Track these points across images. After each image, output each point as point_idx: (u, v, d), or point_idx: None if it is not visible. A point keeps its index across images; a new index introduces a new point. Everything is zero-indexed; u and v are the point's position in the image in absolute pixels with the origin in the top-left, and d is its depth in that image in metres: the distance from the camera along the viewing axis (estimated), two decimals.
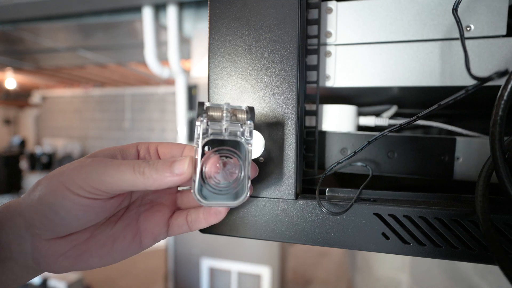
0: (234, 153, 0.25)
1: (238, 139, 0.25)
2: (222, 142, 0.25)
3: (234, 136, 0.25)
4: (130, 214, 0.29)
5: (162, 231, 0.29)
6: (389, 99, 0.44)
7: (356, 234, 0.29)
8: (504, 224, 0.26)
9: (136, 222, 0.29)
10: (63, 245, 0.25)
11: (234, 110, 0.26)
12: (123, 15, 1.47)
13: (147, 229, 0.29)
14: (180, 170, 0.24)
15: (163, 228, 0.29)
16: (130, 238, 0.28)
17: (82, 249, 0.25)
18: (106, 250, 0.26)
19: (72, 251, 0.25)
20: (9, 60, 2.59)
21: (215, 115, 0.25)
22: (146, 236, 0.29)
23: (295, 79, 0.30)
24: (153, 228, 0.29)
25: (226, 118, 0.25)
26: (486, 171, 0.26)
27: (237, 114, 0.26)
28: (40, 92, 5.11)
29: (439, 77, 0.33)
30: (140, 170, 0.23)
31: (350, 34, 0.35)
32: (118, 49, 2.13)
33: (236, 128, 0.26)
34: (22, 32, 1.76)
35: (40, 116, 5.27)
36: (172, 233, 0.30)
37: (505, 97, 0.22)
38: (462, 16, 0.31)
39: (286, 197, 0.30)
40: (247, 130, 0.26)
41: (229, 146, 0.25)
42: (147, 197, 0.30)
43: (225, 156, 0.25)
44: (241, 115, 0.26)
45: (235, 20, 0.31)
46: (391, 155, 0.35)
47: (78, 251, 0.25)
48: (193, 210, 0.29)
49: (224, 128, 0.25)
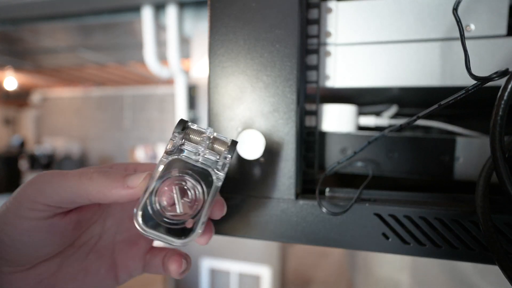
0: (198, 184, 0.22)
1: (209, 170, 0.22)
2: (189, 166, 0.22)
3: (206, 165, 0.22)
4: (104, 244, 0.26)
5: (137, 266, 0.27)
6: (389, 99, 0.44)
7: (356, 234, 0.29)
8: (504, 224, 0.26)
9: (111, 254, 0.26)
10: (27, 280, 0.22)
11: (216, 139, 0.23)
12: (123, 15, 1.46)
13: (122, 263, 0.26)
14: (133, 183, 0.21)
15: (138, 263, 0.27)
16: (104, 272, 0.25)
17: (50, 284, 0.23)
18: (78, 285, 0.24)
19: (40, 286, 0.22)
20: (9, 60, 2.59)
21: (193, 137, 0.23)
22: (121, 271, 0.26)
23: (295, 79, 0.30)
24: (128, 262, 0.26)
25: (203, 143, 0.23)
26: (486, 171, 0.26)
27: (217, 144, 0.23)
28: (40, 92, 5.11)
29: (439, 77, 0.33)
30: (88, 175, 0.21)
31: (350, 34, 0.35)
32: (118, 49, 2.13)
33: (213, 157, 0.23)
34: (22, 32, 1.76)
35: (40, 116, 5.27)
36: (147, 271, 0.27)
37: (505, 97, 0.22)
38: (462, 16, 0.31)
39: (286, 197, 0.30)
40: (222, 163, 0.23)
41: (196, 174, 0.22)
42: (123, 226, 0.27)
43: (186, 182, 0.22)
44: (220, 147, 0.23)
45: (235, 20, 0.31)
46: (391, 155, 0.35)
47: (46, 285, 0.23)
48: (170, 252, 0.26)
49: (199, 152, 0.22)
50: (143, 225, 0.20)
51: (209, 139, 0.23)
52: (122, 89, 4.75)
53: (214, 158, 0.23)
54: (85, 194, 0.20)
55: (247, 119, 0.31)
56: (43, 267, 0.23)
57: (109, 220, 0.27)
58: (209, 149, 0.23)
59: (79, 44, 2.04)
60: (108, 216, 0.27)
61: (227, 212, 0.31)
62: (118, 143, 4.76)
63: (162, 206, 0.21)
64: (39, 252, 0.22)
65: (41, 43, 1.99)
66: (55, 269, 0.23)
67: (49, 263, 0.23)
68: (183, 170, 0.22)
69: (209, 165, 0.23)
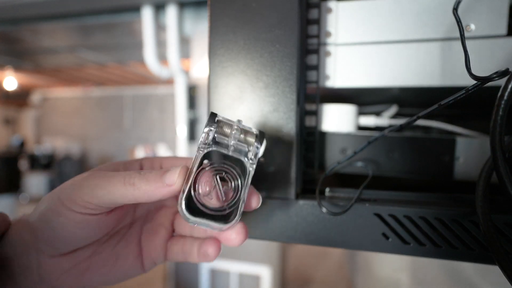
0: (235, 172, 0.24)
1: (241, 158, 0.24)
2: (224, 157, 0.24)
3: (238, 154, 0.24)
4: (132, 233, 0.28)
5: (160, 254, 0.28)
6: (389, 99, 0.44)
7: (356, 234, 0.29)
8: (504, 224, 0.26)
9: (137, 242, 0.28)
10: (66, 263, 0.25)
11: (244, 130, 0.25)
12: (123, 15, 1.46)
13: (147, 250, 0.28)
14: (170, 180, 0.22)
15: (160, 251, 0.28)
16: (132, 258, 0.27)
17: (84, 267, 0.25)
18: (108, 269, 0.26)
19: (75, 269, 0.25)
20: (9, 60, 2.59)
21: (225, 130, 0.24)
22: (146, 258, 0.28)
23: (295, 79, 0.30)
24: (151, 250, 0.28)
25: (235, 135, 0.24)
26: (486, 171, 0.26)
27: (246, 135, 0.25)
28: (40, 92, 5.11)
29: (439, 77, 0.33)
30: (131, 181, 0.22)
31: (350, 34, 0.35)
32: (118, 49, 2.13)
33: (242, 148, 0.24)
34: (22, 32, 1.76)
35: (40, 116, 5.27)
36: (169, 259, 0.29)
37: (506, 97, 0.22)
38: (462, 16, 0.31)
39: (286, 197, 0.30)
40: (253, 152, 0.24)
41: (231, 164, 0.24)
42: (149, 215, 0.30)
43: (224, 171, 0.23)
44: (250, 138, 0.25)
45: (235, 20, 0.31)
46: (391, 155, 0.35)
47: (81, 269, 0.25)
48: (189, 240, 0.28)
49: (230, 143, 0.24)
50: (189, 216, 0.22)
51: (238, 130, 0.24)
52: (122, 89, 4.75)
53: (245, 148, 0.24)
54: (132, 198, 0.22)
55: (247, 119, 0.31)
56: (80, 252, 0.25)
57: (138, 211, 0.29)
58: (239, 140, 0.24)
59: (79, 44, 2.04)
60: (138, 207, 0.29)
61: None
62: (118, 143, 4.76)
63: (203, 195, 0.22)
64: (82, 241, 0.25)
65: (41, 43, 1.99)
66: (89, 254, 0.26)
67: (85, 249, 0.26)
68: (218, 160, 0.23)
69: (241, 155, 0.24)
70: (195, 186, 0.22)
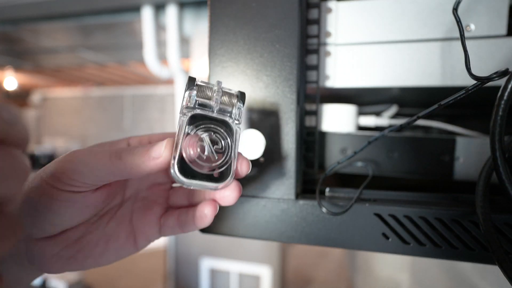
0: (222, 132, 0.24)
1: (226, 119, 0.24)
2: (209, 118, 0.24)
3: (222, 115, 0.24)
4: (123, 212, 0.28)
5: (154, 231, 0.28)
6: (389, 99, 0.44)
7: (356, 234, 0.29)
8: (504, 224, 0.26)
9: (129, 221, 0.28)
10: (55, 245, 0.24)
11: (225, 92, 0.24)
12: (123, 15, 1.46)
13: (140, 228, 0.28)
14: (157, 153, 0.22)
15: (154, 227, 0.28)
16: (123, 238, 0.27)
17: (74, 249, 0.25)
18: (100, 250, 0.26)
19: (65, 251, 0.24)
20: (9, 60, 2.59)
21: (206, 92, 0.24)
22: (139, 236, 0.28)
23: (295, 79, 0.30)
24: (145, 227, 0.28)
25: (216, 96, 0.24)
26: (486, 171, 0.26)
27: (227, 97, 0.25)
28: (40, 92, 5.11)
29: (439, 77, 0.33)
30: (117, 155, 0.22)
31: (350, 34, 0.35)
32: (118, 49, 2.13)
33: (226, 108, 0.24)
34: (22, 32, 1.76)
35: (40, 116, 5.27)
36: (164, 233, 0.29)
37: (505, 97, 0.22)
38: (462, 16, 0.31)
39: (286, 197, 0.30)
40: (237, 111, 0.25)
41: (218, 124, 0.24)
42: (140, 194, 0.29)
43: (212, 132, 0.23)
44: (231, 99, 0.25)
45: (235, 20, 0.31)
46: (391, 155, 0.35)
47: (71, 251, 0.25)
48: (184, 210, 0.28)
49: (213, 104, 0.24)
50: (183, 179, 0.22)
51: (219, 92, 0.24)
52: (122, 89, 4.75)
53: (228, 109, 0.25)
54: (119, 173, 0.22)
55: (247, 119, 0.31)
56: (70, 233, 0.25)
57: (128, 190, 0.29)
58: (222, 102, 0.24)
59: (79, 44, 2.04)
60: (128, 187, 0.29)
61: (227, 212, 0.31)
62: None
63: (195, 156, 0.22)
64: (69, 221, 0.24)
65: (41, 43, 1.99)
66: (79, 235, 0.25)
67: (75, 230, 0.25)
68: (204, 122, 0.23)
69: (226, 116, 0.24)
70: (186, 150, 0.22)
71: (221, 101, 0.24)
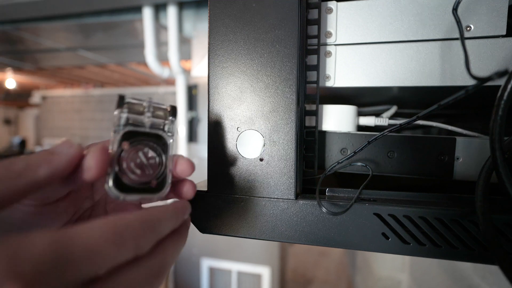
0: (155, 145, 0.25)
1: (159, 133, 0.25)
2: (142, 134, 0.24)
3: (156, 129, 0.25)
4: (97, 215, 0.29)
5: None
6: (389, 99, 0.44)
7: (356, 234, 0.29)
8: (504, 224, 0.26)
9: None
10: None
11: (157, 107, 0.25)
12: (123, 15, 1.47)
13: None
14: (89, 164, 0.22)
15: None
16: None
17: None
18: None
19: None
20: (9, 60, 2.59)
21: (137, 108, 0.24)
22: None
23: (295, 79, 0.30)
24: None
25: (148, 111, 0.25)
26: (486, 171, 0.26)
27: (159, 111, 0.25)
28: (40, 92, 5.11)
29: (439, 77, 0.33)
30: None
31: (350, 34, 0.35)
32: (118, 49, 2.13)
33: (159, 122, 0.25)
34: (22, 32, 1.76)
35: (40, 116, 5.27)
36: None
37: (505, 97, 0.22)
38: (462, 16, 0.31)
39: (286, 197, 0.30)
40: (169, 125, 0.26)
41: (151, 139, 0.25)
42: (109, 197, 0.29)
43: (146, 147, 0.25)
44: (163, 113, 0.26)
45: (235, 20, 0.31)
46: (391, 155, 0.35)
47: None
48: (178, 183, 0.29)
49: (145, 120, 0.25)
50: (117, 192, 0.22)
51: (150, 107, 0.25)
52: (122, 89, 4.75)
53: (161, 122, 0.25)
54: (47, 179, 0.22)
55: (247, 119, 0.31)
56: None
57: (97, 195, 0.29)
58: (154, 116, 0.25)
59: (79, 44, 2.04)
60: (95, 192, 0.29)
61: (227, 212, 0.31)
62: None
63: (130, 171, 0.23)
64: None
65: (41, 43, 1.99)
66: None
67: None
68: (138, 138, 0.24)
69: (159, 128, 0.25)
70: (120, 165, 0.23)
71: (153, 115, 0.25)
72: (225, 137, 0.31)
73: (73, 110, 5.06)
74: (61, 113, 5.12)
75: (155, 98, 4.54)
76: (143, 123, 0.25)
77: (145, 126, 0.25)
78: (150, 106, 0.25)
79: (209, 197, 0.32)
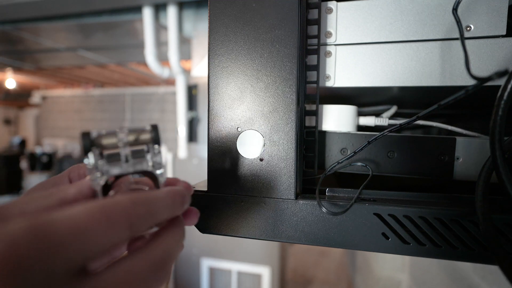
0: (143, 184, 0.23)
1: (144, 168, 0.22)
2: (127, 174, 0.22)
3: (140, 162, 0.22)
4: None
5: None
6: (389, 99, 0.44)
7: (356, 234, 0.29)
8: (504, 224, 0.26)
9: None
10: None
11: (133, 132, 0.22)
12: (123, 15, 1.47)
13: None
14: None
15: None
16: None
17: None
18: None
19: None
20: (9, 60, 2.59)
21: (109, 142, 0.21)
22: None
23: (295, 79, 0.30)
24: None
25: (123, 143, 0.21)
26: (486, 171, 0.26)
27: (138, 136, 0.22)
28: (40, 92, 5.11)
29: (439, 77, 0.33)
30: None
31: (350, 34, 0.35)
32: (118, 49, 2.13)
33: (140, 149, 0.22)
34: (22, 32, 1.76)
35: (40, 116, 5.27)
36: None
37: (505, 97, 0.22)
38: (462, 16, 0.31)
39: (286, 197, 0.30)
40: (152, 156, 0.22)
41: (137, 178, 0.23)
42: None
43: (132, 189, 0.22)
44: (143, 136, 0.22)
45: (235, 20, 0.31)
46: (391, 155, 0.35)
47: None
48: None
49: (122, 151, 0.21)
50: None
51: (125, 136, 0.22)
52: (122, 89, 4.75)
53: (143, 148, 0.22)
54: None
55: (247, 119, 0.31)
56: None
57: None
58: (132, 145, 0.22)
59: (79, 44, 2.04)
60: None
61: (227, 212, 0.31)
62: None
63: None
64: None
65: (41, 43, 1.99)
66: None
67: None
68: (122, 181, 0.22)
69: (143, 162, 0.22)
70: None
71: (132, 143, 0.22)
72: (225, 137, 0.31)
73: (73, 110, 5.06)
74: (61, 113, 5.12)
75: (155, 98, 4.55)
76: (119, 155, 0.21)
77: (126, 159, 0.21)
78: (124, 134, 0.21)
79: (209, 197, 0.32)
